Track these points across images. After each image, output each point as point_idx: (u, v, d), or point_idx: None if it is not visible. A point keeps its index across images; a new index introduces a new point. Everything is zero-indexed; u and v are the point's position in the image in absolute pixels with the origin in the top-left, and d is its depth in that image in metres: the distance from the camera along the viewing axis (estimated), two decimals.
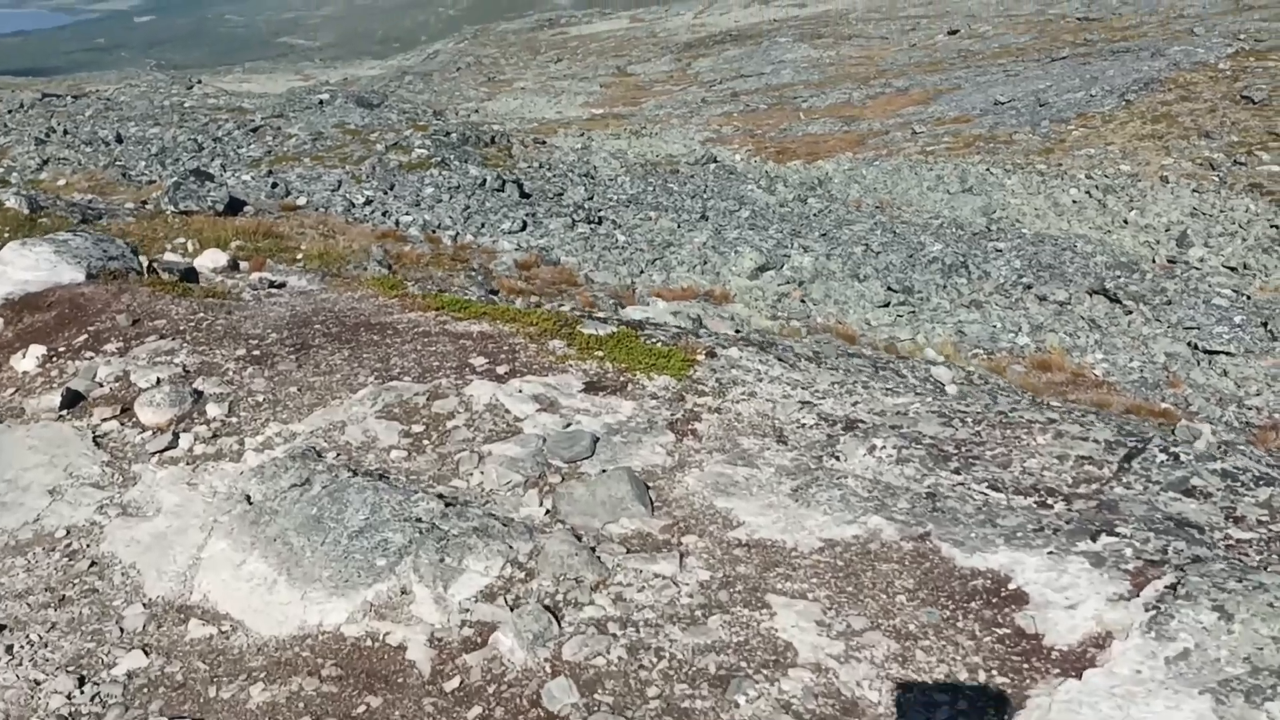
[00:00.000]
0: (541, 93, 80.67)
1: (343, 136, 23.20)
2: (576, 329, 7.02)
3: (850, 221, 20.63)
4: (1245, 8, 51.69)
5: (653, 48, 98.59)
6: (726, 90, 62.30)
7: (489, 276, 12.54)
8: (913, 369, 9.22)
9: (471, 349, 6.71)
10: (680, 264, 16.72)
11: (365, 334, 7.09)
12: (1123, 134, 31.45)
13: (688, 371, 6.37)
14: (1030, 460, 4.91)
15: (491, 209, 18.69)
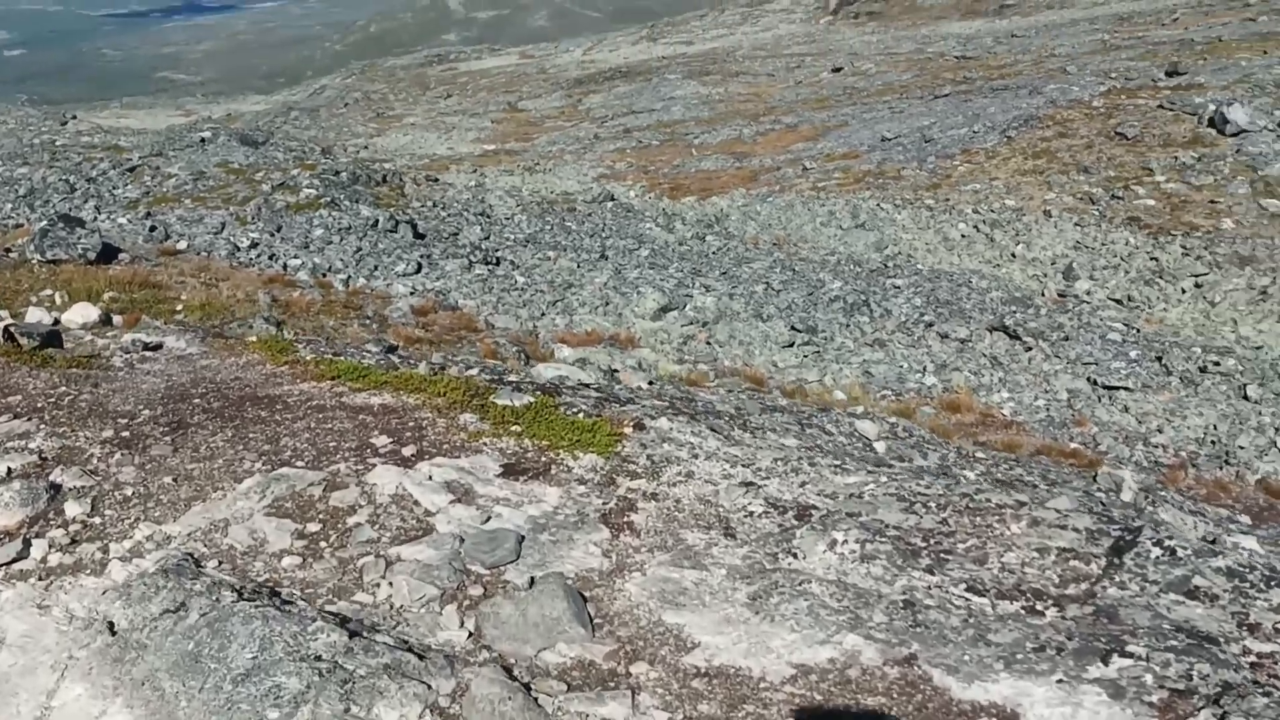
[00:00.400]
0: (432, 128, 79.52)
1: (226, 176, 22.02)
2: (489, 399, 6.29)
3: (749, 259, 20.28)
4: (1112, 47, 53.52)
5: (543, 84, 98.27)
6: (619, 126, 62.14)
7: (384, 324, 11.72)
8: (837, 423, 8.71)
9: (373, 426, 5.93)
10: (582, 305, 16.07)
11: (251, 409, 6.25)
12: (1006, 169, 31.93)
13: (615, 448, 5.71)
14: (1008, 554, 4.36)
15: (385, 250, 17.80)
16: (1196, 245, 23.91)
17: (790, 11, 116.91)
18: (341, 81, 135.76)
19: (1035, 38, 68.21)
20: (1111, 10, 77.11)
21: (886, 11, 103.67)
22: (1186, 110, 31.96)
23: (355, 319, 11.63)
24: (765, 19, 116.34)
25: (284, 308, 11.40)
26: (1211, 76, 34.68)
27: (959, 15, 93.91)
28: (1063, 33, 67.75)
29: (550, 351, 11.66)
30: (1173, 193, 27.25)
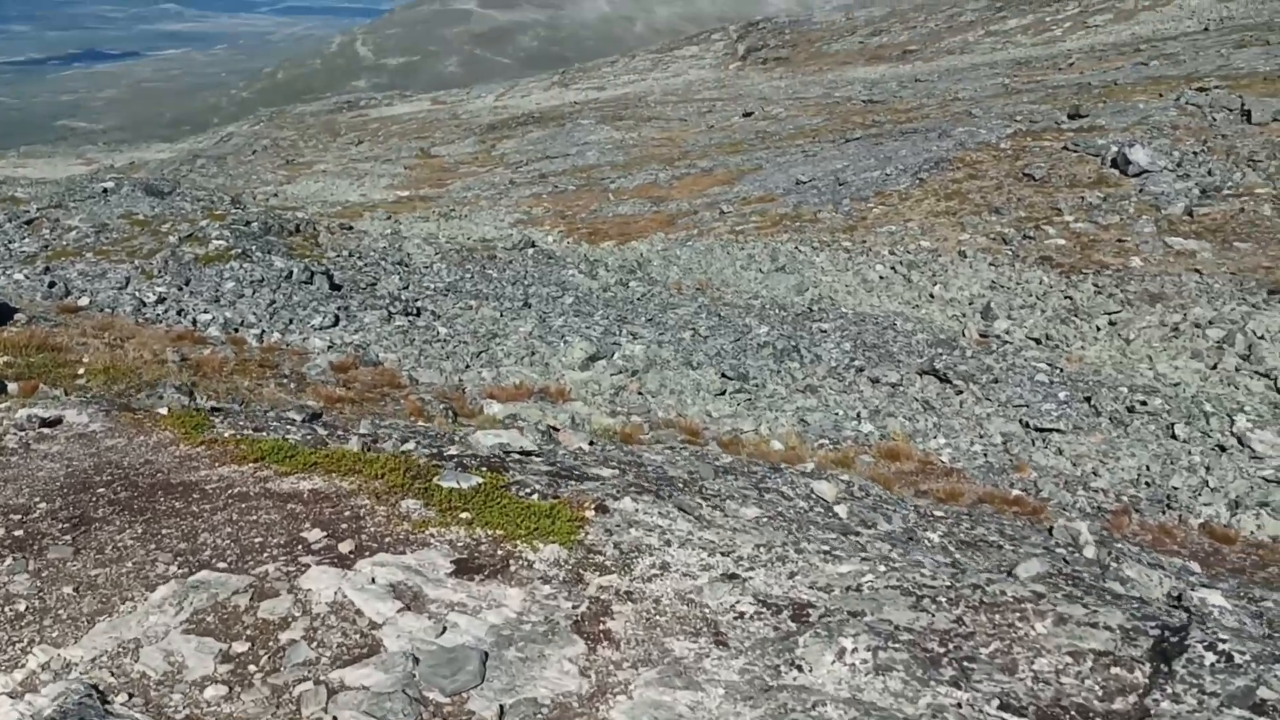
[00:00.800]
0: (343, 175, 78.28)
1: (130, 228, 20.93)
2: (432, 481, 5.63)
3: (675, 305, 19.85)
4: (1013, 91, 54.77)
5: (455, 129, 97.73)
6: (534, 171, 61.72)
7: (303, 383, 10.95)
8: (792, 485, 8.21)
9: (304, 517, 5.24)
10: (507, 356, 15.43)
11: (165, 499, 5.51)
12: (919, 211, 32.14)
13: (578, 535, 5.10)
14: (1039, 661, 3.86)
15: (300, 303, 16.95)
16: (1108, 284, 24.16)
17: (700, 58, 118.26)
18: (249, 128, 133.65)
19: (938, 82, 69.70)
20: (1009, 56, 79.33)
21: (794, 58, 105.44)
22: (1090, 152, 32.58)
23: (272, 378, 10.84)
24: (675, 65, 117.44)
25: (195, 368, 10.56)
26: (1111, 119, 35.49)
27: (864, 61, 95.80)
28: (965, 77, 69.34)
29: (479, 408, 11.01)
30: (1082, 232, 27.62)
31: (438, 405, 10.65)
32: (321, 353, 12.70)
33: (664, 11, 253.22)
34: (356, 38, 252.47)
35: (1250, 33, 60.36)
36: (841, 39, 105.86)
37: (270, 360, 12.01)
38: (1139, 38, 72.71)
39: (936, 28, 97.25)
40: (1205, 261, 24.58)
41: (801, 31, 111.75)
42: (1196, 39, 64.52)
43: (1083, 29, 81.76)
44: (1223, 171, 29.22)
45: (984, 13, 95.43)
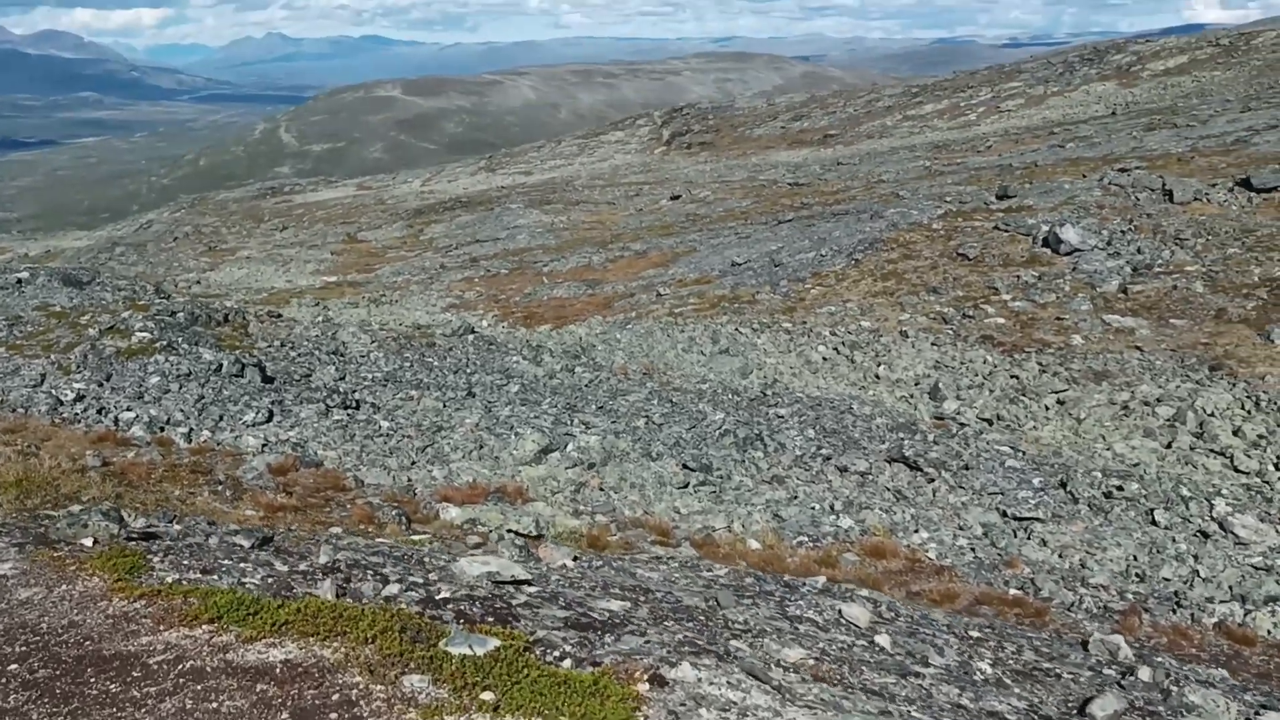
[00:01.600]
0: (269, 261, 77.09)
1: (46, 320, 19.80)
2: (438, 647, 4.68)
3: (624, 391, 19.22)
4: (937, 173, 55.85)
5: (382, 214, 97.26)
6: (464, 255, 61.21)
7: (239, 489, 10.04)
8: (818, 609, 7.55)
9: (279, 704, 4.23)
10: (454, 450, 14.61)
11: (96, 680, 4.47)
12: (857, 291, 32.12)
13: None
14: None
15: (230, 398, 15.97)
16: (1052, 362, 24.13)
17: (625, 143, 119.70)
18: (170, 215, 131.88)
19: (861, 165, 71.05)
20: (927, 139, 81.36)
21: (717, 142, 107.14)
22: (1020, 231, 32.97)
23: (205, 485, 9.92)
24: (601, 150, 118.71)
25: (119, 476, 9.61)
26: (1039, 199, 36.08)
27: (786, 145, 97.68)
28: (886, 160, 70.80)
29: (434, 512, 10.17)
30: (1020, 311, 27.71)
31: (389, 510, 9.80)
32: (257, 453, 11.77)
33: (588, 99, 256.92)
34: (280, 124, 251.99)
35: (1156, 116, 62.62)
36: (764, 124, 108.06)
37: (202, 464, 11.06)
38: (1050, 121, 75.13)
39: (855, 113, 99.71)
40: (1144, 339, 24.71)
41: (725, 117, 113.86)
42: (1106, 122, 66.79)
43: (996, 114, 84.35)
44: (1151, 249, 29.67)
45: (901, 99, 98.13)
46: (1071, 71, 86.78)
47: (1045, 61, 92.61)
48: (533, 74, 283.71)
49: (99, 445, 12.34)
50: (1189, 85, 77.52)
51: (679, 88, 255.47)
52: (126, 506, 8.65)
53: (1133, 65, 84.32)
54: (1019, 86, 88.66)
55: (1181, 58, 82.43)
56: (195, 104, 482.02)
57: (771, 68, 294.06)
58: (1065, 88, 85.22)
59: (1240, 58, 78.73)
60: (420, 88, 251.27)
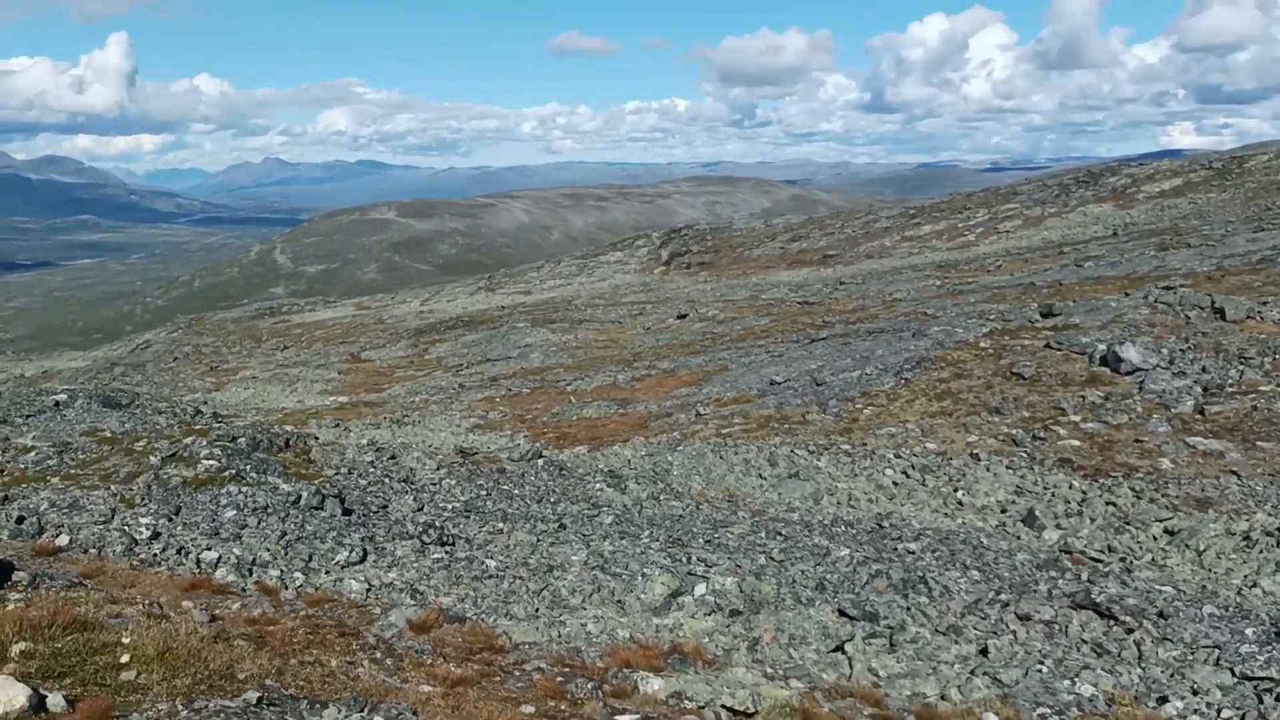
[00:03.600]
0: (274, 381, 75.69)
1: (99, 447, 18.20)
2: None
3: (724, 523, 17.65)
4: (956, 291, 55.27)
5: (383, 334, 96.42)
6: (477, 374, 59.98)
7: (393, 655, 8.38)
8: None
9: None
10: (573, 593, 12.96)
11: None
12: (912, 411, 30.83)
13: None
14: None
15: (315, 534, 14.34)
16: (1146, 488, 22.70)
17: (624, 263, 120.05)
18: (168, 335, 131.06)
19: (867, 284, 70.76)
20: (928, 259, 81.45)
21: (716, 262, 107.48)
22: (1075, 349, 31.91)
23: (359, 651, 8.29)
24: (600, 269, 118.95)
25: (257, 641, 8.00)
26: (1085, 317, 35.16)
27: (785, 265, 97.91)
28: (895, 279, 70.50)
29: (631, 684, 8.51)
30: (1094, 433, 26.41)
31: (581, 683, 8.16)
32: (396, 609, 10.09)
33: (579, 221, 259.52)
34: (275, 246, 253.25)
35: (1162, 236, 62.65)
36: (762, 244, 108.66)
37: (329, 620, 9.40)
38: (1051, 242, 75.39)
39: (854, 234, 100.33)
40: (1236, 462, 23.38)
41: (723, 237, 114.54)
42: (1110, 243, 66.91)
43: (994, 234, 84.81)
44: (1217, 369, 28.58)
45: (898, 219, 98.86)
46: (1068, 193, 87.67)
47: (1041, 184, 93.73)
48: (525, 197, 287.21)
49: (193, 594, 10.73)
50: (1186, 207, 78.19)
51: (669, 210, 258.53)
52: (286, 679, 7.05)
53: (1128, 187, 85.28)
54: (1016, 208, 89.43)
55: (1176, 180, 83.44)
56: (192, 226, 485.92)
57: (760, 190, 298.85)
58: (1062, 209, 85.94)
59: (1234, 180, 79.67)
60: (414, 210, 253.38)
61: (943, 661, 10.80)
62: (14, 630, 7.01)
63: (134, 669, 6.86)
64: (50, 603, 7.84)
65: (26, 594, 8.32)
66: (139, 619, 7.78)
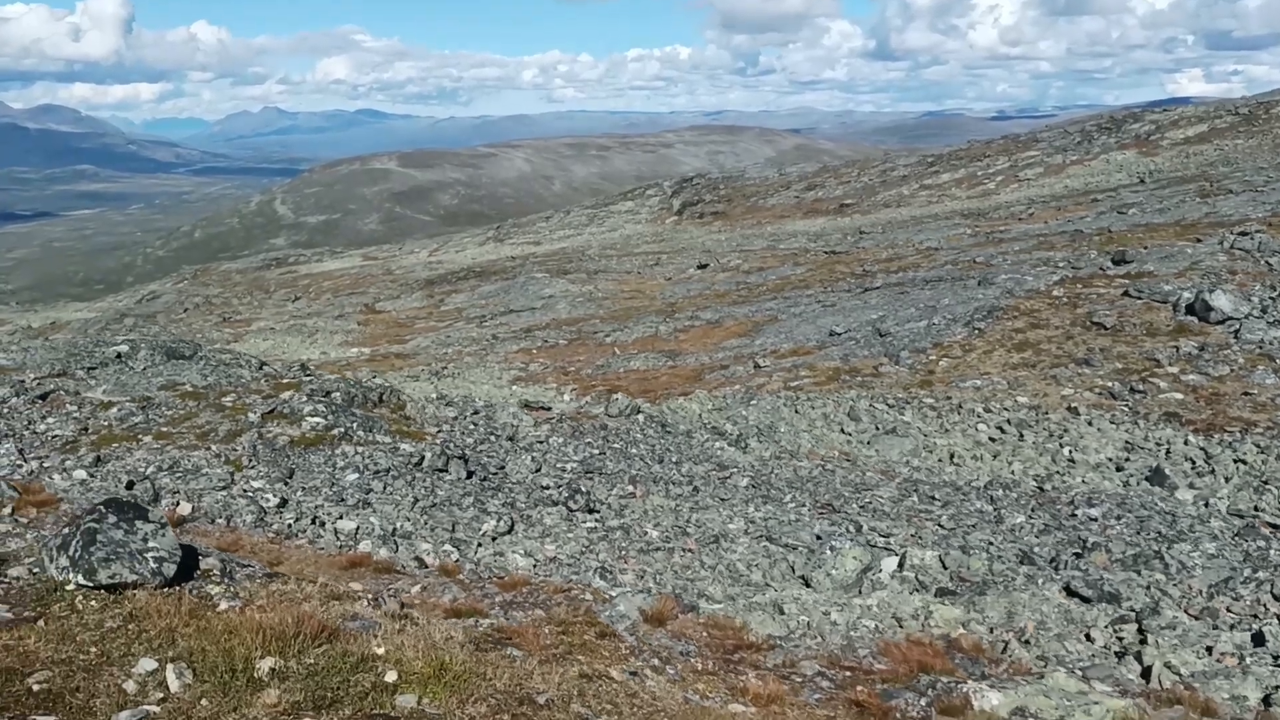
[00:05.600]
0: (292, 332, 73.95)
1: (183, 402, 16.61)
2: None
3: (865, 486, 16.20)
4: (996, 240, 53.61)
5: (392, 285, 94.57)
6: (502, 325, 58.40)
7: (672, 663, 6.86)
8: None
9: None
10: (750, 567, 11.50)
11: None
12: (991, 363, 29.32)
13: None
14: None
15: (449, 499, 12.83)
16: (1273, 444, 21.31)
17: (635, 213, 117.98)
18: (174, 286, 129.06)
19: (889, 233, 69.03)
20: (948, 208, 79.65)
21: (730, 212, 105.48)
22: (1156, 299, 30.40)
23: (630, 656, 6.80)
24: (611, 219, 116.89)
25: (497, 642, 6.49)
26: (1159, 264, 33.61)
27: (801, 214, 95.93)
28: (922, 228, 68.75)
29: (962, 699, 7.03)
30: (1196, 385, 24.94)
31: (911, 698, 6.68)
32: (623, 597, 8.56)
33: (581, 171, 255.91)
34: (275, 196, 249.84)
35: (1200, 184, 60.81)
36: (777, 193, 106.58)
37: (550, 609, 7.91)
38: (1073, 190, 73.63)
39: (870, 182, 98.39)
40: None
41: (736, 186, 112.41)
42: (1138, 190, 65.21)
43: (1015, 182, 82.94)
44: None
45: (916, 168, 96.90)
46: (1090, 141, 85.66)
47: (1062, 131, 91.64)
48: (526, 147, 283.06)
49: (355, 573, 9.23)
50: (1212, 154, 76.37)
51: (672, 159, 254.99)
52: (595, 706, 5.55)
53: (1151, 134, 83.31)
54: (1037, 155, 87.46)
55: (1201, 126, 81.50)
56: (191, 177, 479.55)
57: (763, 140, 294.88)
58: (1084, 156, 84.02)
59: (1261, 126, 77.73)
60: (415, 160, 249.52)
61: (1223, 654, 9.40)
62: (258, 642, 5.49)
63: (411, 692, 5.35)
64: (277, 603, 6.32)
65: (225, 586, 6.80)
66: (382, 621, 6.27)
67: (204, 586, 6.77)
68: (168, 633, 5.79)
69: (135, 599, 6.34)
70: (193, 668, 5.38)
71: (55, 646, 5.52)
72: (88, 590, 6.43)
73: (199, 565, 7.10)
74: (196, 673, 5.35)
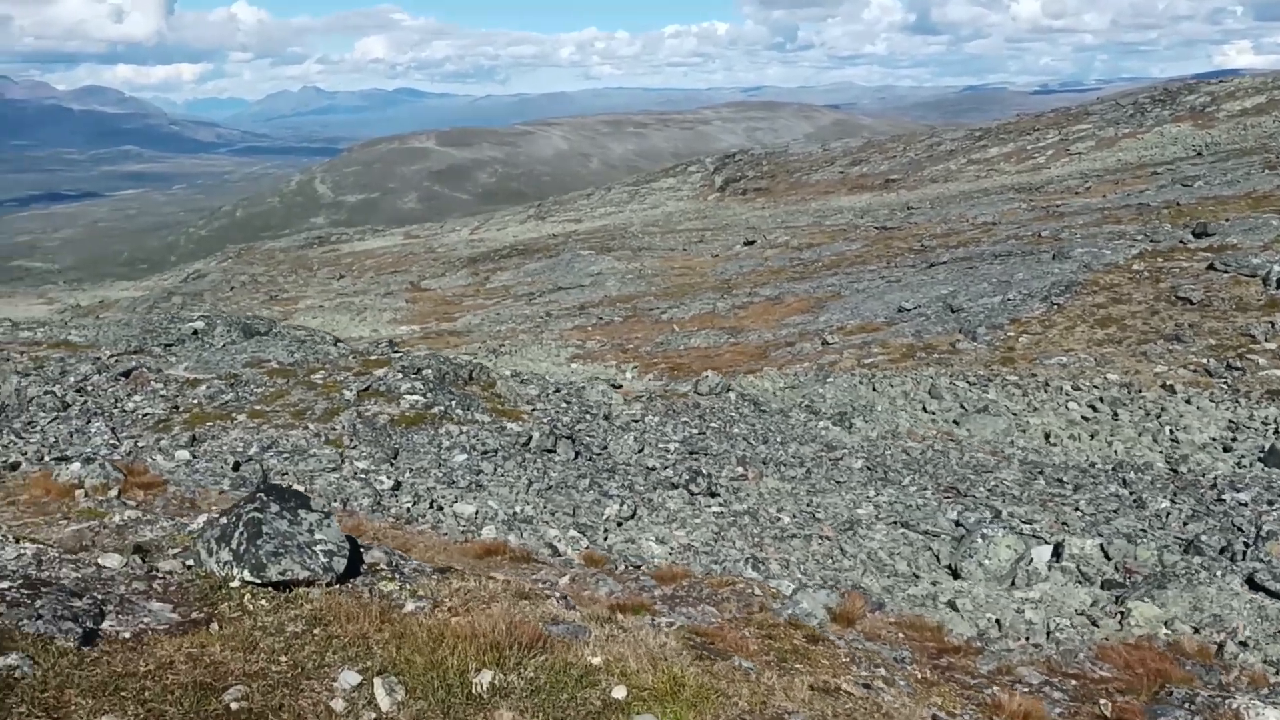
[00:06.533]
0: (341, 310, 73.65)
1: (271, 380, 16.01)
2: None
3: (985, 467, 15.36)
4: (1057, 214, 52.21)
5: (435, 263, 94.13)
6: (550, 303, 57.73)
7: (882, 668, 6.13)
8: None
9: None
10: (892, 555, 10.73)
11: None
12: (1075, 339, 28.24)
13: None
14: None
15: (565, 482, 12.12)
16: None
17: (677, 189, 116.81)
18: (218, 265, 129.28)
19: (941, 208, 67.63)
20: (997, 183, 77.97)
21: (773, 188, 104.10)
22: (1244, 272, 29.15)
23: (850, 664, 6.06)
24: (652, 197, 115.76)
25: (702, 648, 5.73)
26: (1243, 237, 32.28)
27: (846, 190, 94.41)
28: (975, 203, 67.27)
29: (1232, 715, 6.20)
30: None
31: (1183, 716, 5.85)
32: (799, 591, 7.77)
33: (619, 148, 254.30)
34: (315, 176, 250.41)
35: (1264, 155, 58.96)
36: (821, 169, 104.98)
37: (729, 608, 7.15)
38: (1127, 163, 71.72)
39: (917, 157, 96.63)
40: None
41: (779, 162, 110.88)
42: (1198, 162, 63.36)
43: (1066, 156, 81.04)
44: None
45: (963, 142, 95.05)
46: (1143, 113, 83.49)
47: (1114, 103, 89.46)
48: (564, 124, 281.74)
49: (491, 561, 8.54)
50: (1270, 125, 74.13)
51: (709, 136, 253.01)
52: None
53: (1207, 106, 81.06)
54: (1088, 129, 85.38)
55: (1258, 98, 79.16)
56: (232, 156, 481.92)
57: (801, 116, 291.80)
58: (1137, 129, 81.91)
59: None
60: (453, 139, 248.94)
61: None
62: (473, 652, 4.77)
63: (647, 711, 4.61)
64: (468, 604, 5.60)
65: (400, 584, 6.10)
66: (590, 626, 5.53)
67: (376, 584, 6.07)
68: (360, 640, 5.08)
69: (309, 598, 5.64)
70: (403, 682, 4.66)
71: (244, 656, 4.82)
72: (255, 588, 5.74)
73: (363, 559, 6.40)
74: (408, 688, 4.63)
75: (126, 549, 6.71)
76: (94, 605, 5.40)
